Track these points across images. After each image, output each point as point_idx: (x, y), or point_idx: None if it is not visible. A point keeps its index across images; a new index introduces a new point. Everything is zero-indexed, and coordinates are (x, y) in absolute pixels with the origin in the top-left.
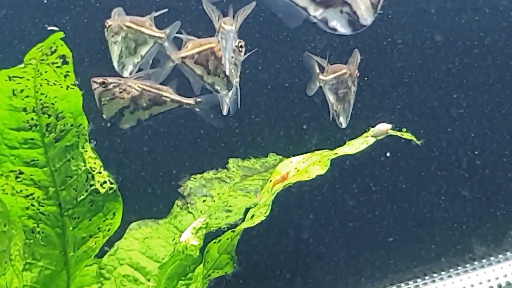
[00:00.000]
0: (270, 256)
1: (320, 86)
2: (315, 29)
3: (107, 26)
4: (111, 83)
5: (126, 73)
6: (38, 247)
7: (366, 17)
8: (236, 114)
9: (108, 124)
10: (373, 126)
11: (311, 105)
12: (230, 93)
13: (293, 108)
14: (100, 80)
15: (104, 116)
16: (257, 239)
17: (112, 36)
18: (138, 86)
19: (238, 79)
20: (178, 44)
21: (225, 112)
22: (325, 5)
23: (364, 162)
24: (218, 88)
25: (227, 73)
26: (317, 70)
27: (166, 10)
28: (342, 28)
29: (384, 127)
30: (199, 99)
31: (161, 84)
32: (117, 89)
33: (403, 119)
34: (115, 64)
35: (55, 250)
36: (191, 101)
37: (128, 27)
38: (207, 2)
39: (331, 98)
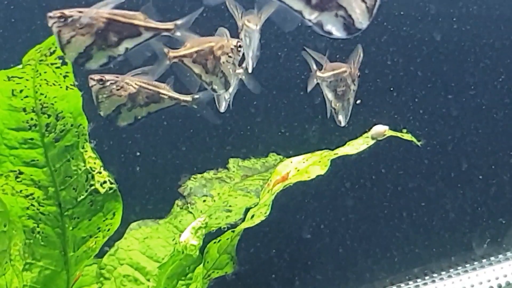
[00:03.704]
0: (270, 256)
1: (318, 83)
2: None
3: None
4: (108, 80)
5: None
6: (38, 247)
7: (362, 21)
8: (237, 114)
9: (108, 123)
10: (371, 128)
11: (311, 105)
12: (230, 89)
13: (293, 108)
14: (97, 77)
15: (101, 113)
16: (257, 239)
17: None
18: (135, 84)
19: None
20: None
21: (222, 110)
22: (320, 9)
23: (364, 162)
24: (216, 87)
25: (250, 71)
26: (315, 67)
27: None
28: (337, 32)
29: (380, 129)
30: (196, 96)
31: (158, 81)
32: (114, 87)
33: (404, 119)
34: None
35: (55, 250)
36: (188, 98)
37: None
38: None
39: (328, 95)
